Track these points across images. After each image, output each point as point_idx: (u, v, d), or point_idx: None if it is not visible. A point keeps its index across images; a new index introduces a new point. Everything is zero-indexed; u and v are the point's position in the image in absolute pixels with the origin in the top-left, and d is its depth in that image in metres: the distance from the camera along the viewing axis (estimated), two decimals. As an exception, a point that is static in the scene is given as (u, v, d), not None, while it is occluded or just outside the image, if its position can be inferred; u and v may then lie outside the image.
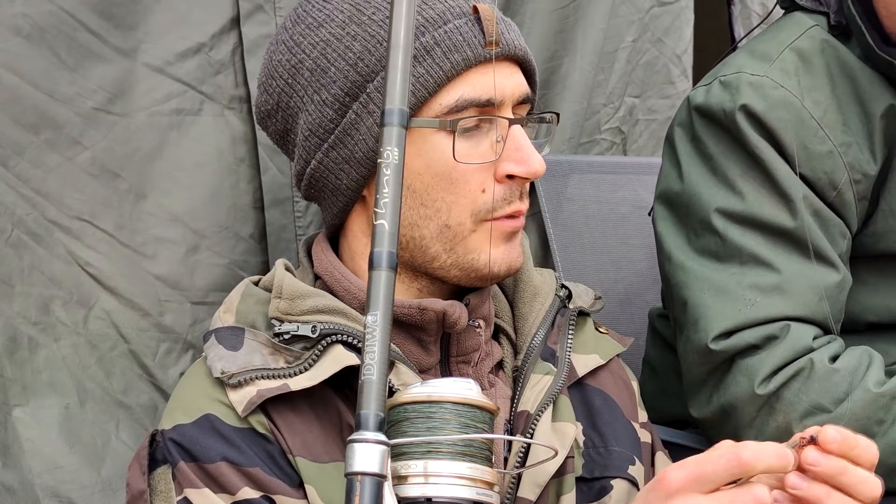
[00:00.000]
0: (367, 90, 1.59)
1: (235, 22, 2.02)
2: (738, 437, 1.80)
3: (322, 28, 1.63)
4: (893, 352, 1.97)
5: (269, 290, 1.65)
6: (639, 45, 2.53)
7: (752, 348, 1.87)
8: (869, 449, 1.35)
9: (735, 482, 1.32)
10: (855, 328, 1.99)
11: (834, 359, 1.87)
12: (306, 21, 1.65)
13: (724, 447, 1.33)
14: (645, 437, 1.80)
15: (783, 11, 2.11)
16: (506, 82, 1.61)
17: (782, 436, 1.69)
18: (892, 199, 1.93)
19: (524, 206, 1.65)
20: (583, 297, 1.82)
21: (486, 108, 1.60)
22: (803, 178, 1.91)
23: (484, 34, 1.59)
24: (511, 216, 1.64)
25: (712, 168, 1.95)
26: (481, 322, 1.68)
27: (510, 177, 1.62)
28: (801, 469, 1.34)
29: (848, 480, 1.33)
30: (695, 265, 1.94)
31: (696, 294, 1.93)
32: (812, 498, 1.33)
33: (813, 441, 1.33)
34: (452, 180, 1.60)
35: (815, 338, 1.88)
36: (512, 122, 1.61)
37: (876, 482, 1.34)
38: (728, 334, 1.88)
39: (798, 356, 1.86)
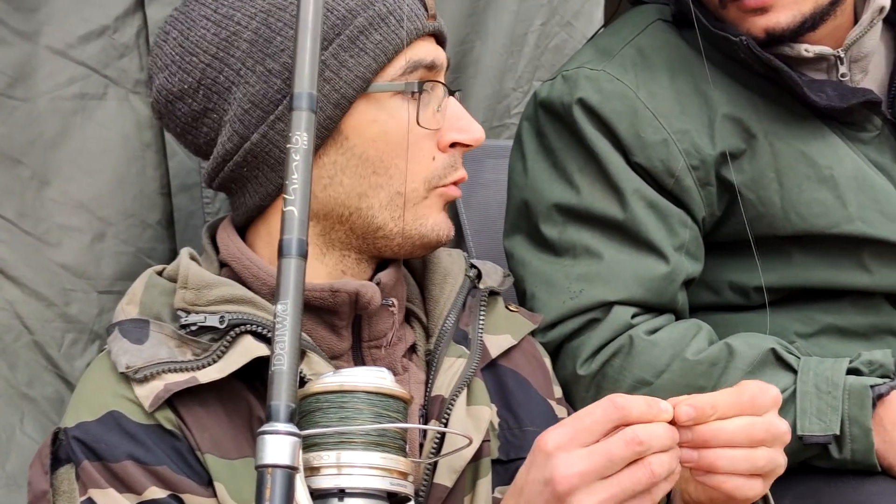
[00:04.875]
0: (323, 57, 1.58)
1: (140, 4, 1.98)
2: None
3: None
4: (791, 325, 2.01)
5: (174, 280, 1.63)
6: (548, 29, 2.53)
7: (575, 333, 1.94)
8: (732, 398, 1.39)
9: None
10: (751, 304, 2.03)
11: (654, 331, 1.93)
12: None
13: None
14: (562, 413, 1.81)
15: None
16: (438, 53, 1.66)
17: None
18: (759, 189, 1.97)
19: (465, 173, 1.68)
20: (492, 275, 1.83)
21: (430, 73, 1.63)
22: (640, 166, 1.96)
23: (426, 8, 1.63)
24: (455, 184, 1.67)
25: (554, 163, 2.01)
26: (394, 301, 1.67)
27: (452, 145, 1.65)
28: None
29: (722, 439, 1.37)
30: (533, 260, 2.00)
31: (532, 288, 1.98)
32: (707, 466, 1.38)
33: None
34: (407, 146, 1.61)
35: (634, 315, 1.94)
36: (450, 91, 1.65)
37: (747, 424, 1.38)
38: (552, 325, 1.94)
39: (617, 334, 1.93)
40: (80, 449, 1.50)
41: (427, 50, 1.64)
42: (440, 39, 1.69)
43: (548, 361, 1.87)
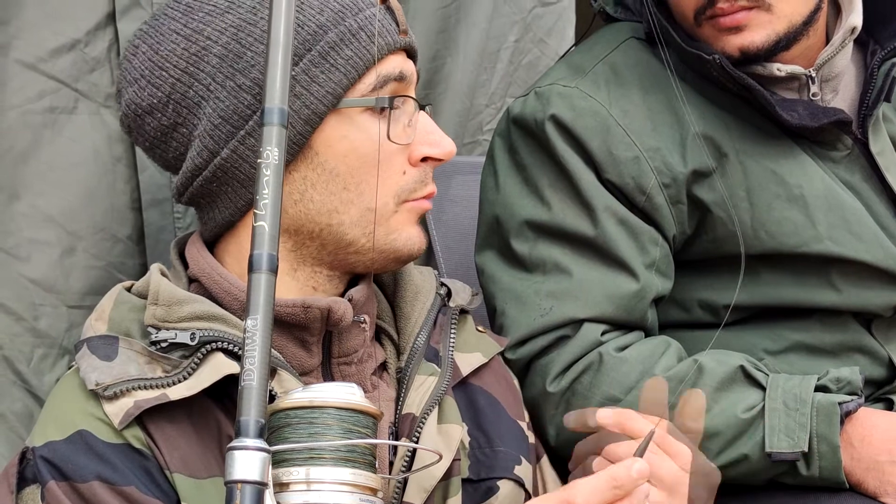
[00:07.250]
0: (293, 73, 1.57)
1: (111, 18, 1.98)
2: (543, 434, 1.90)
3: (228, 14, 1.60)
4: (760, 343, 2.02)
5: (144, 297, 1.61)
6: (521, 46, 2.54)
7: (545, 350, 1.94)
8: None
9: None
10: (720, 322, 2.03)
11: (624, 348, 1.93)
12: (205, 9, 1.61)
13: (555, 495, 1.40)
14: (532, 437, 1.81)
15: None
16: (406, 66, 1.65)
17: (581, 430, 1.71)
18: (732, 208, 1.97)
19: (435, 188, 1.68)
20: (461, 294, 1.83)
21: (400, 85, 1.63)
22: (611, 184, 1.96)
23: (397, 23, 1.63)
24: (426, 198, 1.66)
25: (525, 178, 2.01)
26: (366, 317, 1.67)
27: (423, 160, 1.64)
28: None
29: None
30: (504, 276, 2.00)
31: (502, 304, 1.99)
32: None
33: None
34: (377, 162, 1.60)
35: (604, 332, 1.94)
36: (421, 106, 1.65)
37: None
38: (522, 343, 1.95)
39: (587, 351, 1.93)
40: (46, 469, 1.48)
41: (397, 63, 1.63)
42: (411, 54, 1.69)
43: (517, 384, 1.87)
